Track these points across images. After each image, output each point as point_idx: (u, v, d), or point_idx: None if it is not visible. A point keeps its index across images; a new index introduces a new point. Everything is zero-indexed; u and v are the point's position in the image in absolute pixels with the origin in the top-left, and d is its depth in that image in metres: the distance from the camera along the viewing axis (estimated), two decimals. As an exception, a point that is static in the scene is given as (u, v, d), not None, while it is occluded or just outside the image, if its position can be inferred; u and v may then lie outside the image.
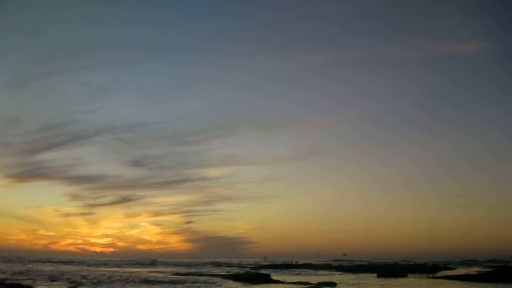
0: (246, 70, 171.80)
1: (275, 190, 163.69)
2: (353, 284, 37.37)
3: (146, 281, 38.84)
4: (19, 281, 31.19)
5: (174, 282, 38.81)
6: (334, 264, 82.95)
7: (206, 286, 34.86)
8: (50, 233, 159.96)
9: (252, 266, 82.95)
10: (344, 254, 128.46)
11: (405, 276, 48.84)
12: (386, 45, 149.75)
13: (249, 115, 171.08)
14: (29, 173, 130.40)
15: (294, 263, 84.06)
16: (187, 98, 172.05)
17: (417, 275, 51.27)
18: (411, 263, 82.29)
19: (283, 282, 39.77)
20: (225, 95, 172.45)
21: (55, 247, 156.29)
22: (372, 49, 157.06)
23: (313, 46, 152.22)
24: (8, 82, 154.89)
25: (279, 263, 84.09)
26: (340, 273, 61.48)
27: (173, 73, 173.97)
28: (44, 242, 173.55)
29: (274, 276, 46.49)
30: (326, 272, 61.83)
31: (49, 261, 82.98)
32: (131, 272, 54.38)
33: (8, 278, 35.78)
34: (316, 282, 36.82)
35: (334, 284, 36.12)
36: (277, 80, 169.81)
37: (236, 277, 45.04)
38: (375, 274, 50.76)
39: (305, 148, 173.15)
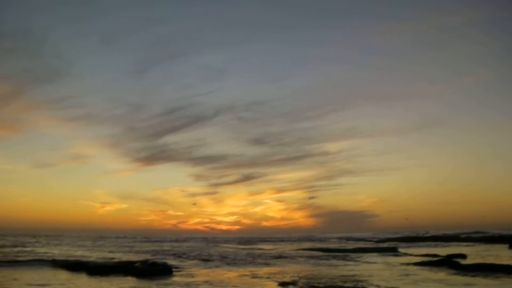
0: (360, 44, 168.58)
1: (395, 162, 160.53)
2: (484, 256, 37.28)
3: (280, 257, 41.58)
4: (155, 259, 34.64)
5: (310, 257, 41.11)
6: (462, 235, 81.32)
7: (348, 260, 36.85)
8: (178, 213, 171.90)
9: (378, 239, 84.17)
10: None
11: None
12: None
13: (366, 88, 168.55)
14: (155, 156, 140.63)
15: (421, 235, 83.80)
16: (303, 74, 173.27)
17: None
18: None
19: (410, 255, 40.92)
20: (341, 69, 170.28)
21: (183, 226, 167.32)
22: (480, 11, 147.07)
23: (419, 14, 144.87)
24: (129, 70, 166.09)
25: (406, 236, 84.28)
26: (469, 244, 61.01)
27: (288, 50, 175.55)
28: (173, 221, 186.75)
29: (401, 249, 47.94)
30: (455, 244, 61.67)
31: (177, 240, 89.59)
32: (263, 249, 58.01)
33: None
34: (445, 255, 37.25)
35: (463, 256, 36.10)
36: (391, 52, 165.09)
37: (364, 250, 47.19)
38: (507, 245, 49.95)
39: (423, 118, 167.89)
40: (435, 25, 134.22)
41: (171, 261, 32.76)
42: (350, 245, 64.52)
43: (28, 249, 45.75)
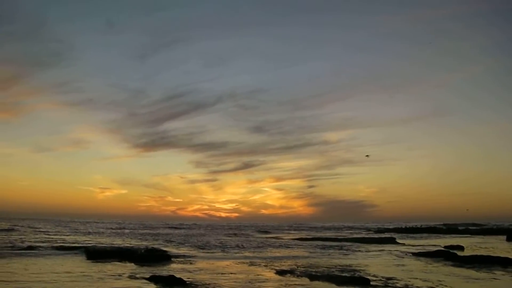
0: (364, 30, 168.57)
1: (396, 152, 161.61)
2: (481, 248, 37.47)
3: (278, 245, 41.88)
4: (154, 246, 34.47)
5: (308, 246, 41.39)
6: (460, 227, 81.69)
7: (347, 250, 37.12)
8: (177, 200, 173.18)
9: (376, 230, 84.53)
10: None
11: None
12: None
13: (368, 76, 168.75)
14: (155, 142, 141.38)
15: (418, 226, 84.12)
16: (304, 61, 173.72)
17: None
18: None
19: (408, 245, 41.10)
20: (343, 56, 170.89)
21: (182, 212, 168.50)
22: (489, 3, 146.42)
23: (432, 1, 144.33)
24: (131, 56, 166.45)
25: (403, 227, 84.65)
26: (467, 235, 61.34)
27: (289, 36, 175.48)
28: (172, 208, 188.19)
29: (399, 240, 48.19)
30: (452, 236, 61.97)
31: (175, 227, 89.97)
32: (261, 237, 58.30)
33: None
34: (442, 246, 37.55)
35: (461, 247, 36.35)
36: (395, 39, 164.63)
37: (362, 240, 47.46)
38: (504, 237, 50.21)
39: (426, 108, 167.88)
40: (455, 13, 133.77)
41: (170, 248, 33.09)
42: (349, 234, 64.83)
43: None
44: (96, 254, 26.40)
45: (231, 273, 20.05)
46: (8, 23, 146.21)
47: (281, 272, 20.28)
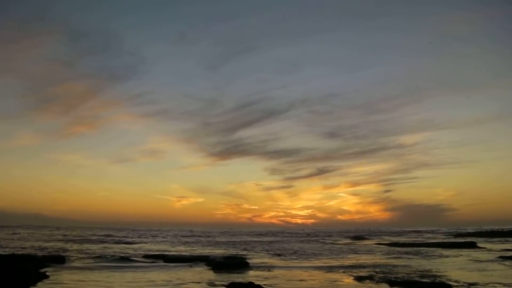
0: (434, 33, 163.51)
1: (474, 154, 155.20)
2: None
3: (355, 251, 41.63)
4: (232, 253, 35.43)
5: (386, 251, 40.89)
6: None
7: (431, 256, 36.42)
8: (253, 207, 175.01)
9: (455, 234, 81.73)
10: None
11: None
12: None
13: (441, 78, 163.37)
14: (230, 151, 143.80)
15: (500, 230, 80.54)
16: (376, 65, 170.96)
17: None
18: None
19: (490, 250, 39.59)
20: (414, 59, 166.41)
21: (258, 220, 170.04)
22: None
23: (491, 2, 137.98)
24: (203, 66, 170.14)
25: (484, 231, 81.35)
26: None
27: (360, 41, 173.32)
28: (248, 215, 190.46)
29: (480, 244, 46.48)
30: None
31: (252, 234, 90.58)
32: (338, 243, 57.92)
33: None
34: (527, 249, 36.05)
35: None
36: (467, 40, 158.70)
37: (441, 245, 46.17)
38: None
39: (504, 108, 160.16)
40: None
41: (247, 255, 33.60)
42: (427, 239, 63.15)
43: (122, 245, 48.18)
44: (173, 261, 27.72)
45: (309, 280, 20.31)
46: (84, 39, 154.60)
47: (359, 278, 20.32)
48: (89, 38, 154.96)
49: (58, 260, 26.42)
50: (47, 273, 19.86)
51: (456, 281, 18.73)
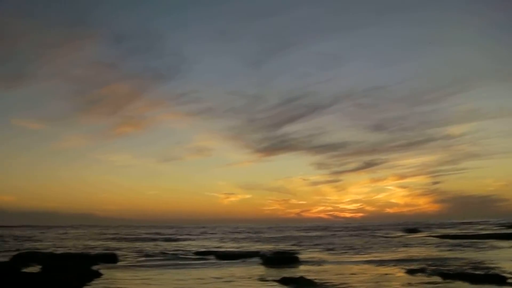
0: (478, 22, 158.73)
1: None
2: None
3: (405, 244, 41.22)
4: (281, 248, 35.83)
5: (437, 244, 40.31)
6: None
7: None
8: (301, 202, 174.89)
9: (508, 225, 79.43)
10: None
11: None
12: None
13: (488, 67, 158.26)
14: (276, 146, 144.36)
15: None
16: (420, 57, 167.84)
17: None
18: None
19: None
20: (458, 50, 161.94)
21: (307, 214, 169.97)
22: None
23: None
24: (247, 63, 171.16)
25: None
26: None
27: (405, 32, 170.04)
28: (296, 210, 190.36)
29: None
30: None
31: (301, 229, 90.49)
32: (387, 236, 57.40)
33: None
34: None
35: None
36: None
37: (493, 236, 45.16)
38: None
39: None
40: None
41: (297, 250, 33.83)
42: (478, 230, 61.69)
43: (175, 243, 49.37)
44: (224, 257, 28.32)
45: (360, 274, 20.43)
46: (126, 40, 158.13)
47: (411, 271, 20.28)
48: (131, 39, 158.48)
49: (110, 258, 27.04)
50: (100, 271, 20.47)
51: (510, 273, 18.46)
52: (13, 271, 15.19)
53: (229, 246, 41.12)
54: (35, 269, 19.06)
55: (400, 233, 64.45)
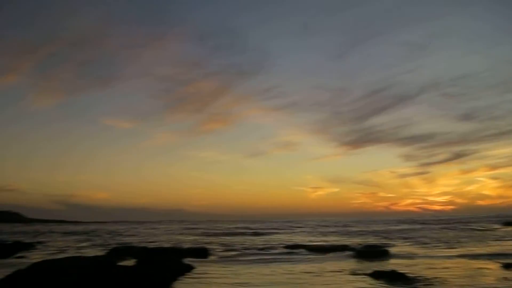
0: None
1: None
2: None
3: (500, 237, 39.63)
4: (371, 242, 35.67)
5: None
6: None
7: None
8: (389, 195, 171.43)
9: None
10: None
11: None
12: None
13: None
14: (362, 139, 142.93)
15: None
16: (510, 42, 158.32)
17: None
18: None
19: None
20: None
21: (395, 207, 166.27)
22: None
23: None
24: (329, 56, 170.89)
25: None
26: None
27: (491, 18, 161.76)
28: (385, 203, 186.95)
29: None
30: None
31: (390, 223, 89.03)
32: (480, 229, 55.28)
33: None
34: None
35: None
36: None
37: None
38: None
39: None
40: None
41: (387, 244, 33.66)
42: None
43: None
44: (315, 251, 28.92)
45: (453, 267, 20.13)
46: (210, 38, 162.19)
47: (507, 266, 19.71)
48: (214, 37, 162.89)
49: (201, 253, 27.93)
50: (192, 265, 21.27)
51: None
52: (110, 264, 16.19)
53: (318, 240, 41.47)
54: (129, 262, 20.01)
55: (497, 226, 61.67)
